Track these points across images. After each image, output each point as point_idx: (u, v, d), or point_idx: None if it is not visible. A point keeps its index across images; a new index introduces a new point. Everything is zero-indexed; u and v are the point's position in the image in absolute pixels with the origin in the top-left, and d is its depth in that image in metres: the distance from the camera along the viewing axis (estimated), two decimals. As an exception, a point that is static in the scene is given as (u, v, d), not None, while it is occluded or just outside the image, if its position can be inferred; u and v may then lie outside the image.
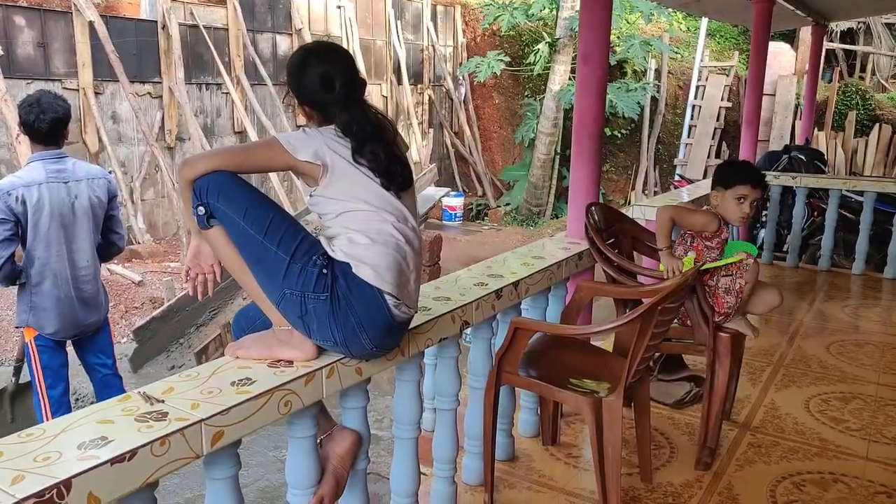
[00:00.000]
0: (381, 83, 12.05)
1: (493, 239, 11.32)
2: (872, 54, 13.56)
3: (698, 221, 2.72)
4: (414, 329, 1.97)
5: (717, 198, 2.70)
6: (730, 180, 2.65)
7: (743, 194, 2.63)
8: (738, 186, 2.62)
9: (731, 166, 2.75)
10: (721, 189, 2.68)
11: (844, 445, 2.93)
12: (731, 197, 2.63)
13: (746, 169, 2.71)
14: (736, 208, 2.64)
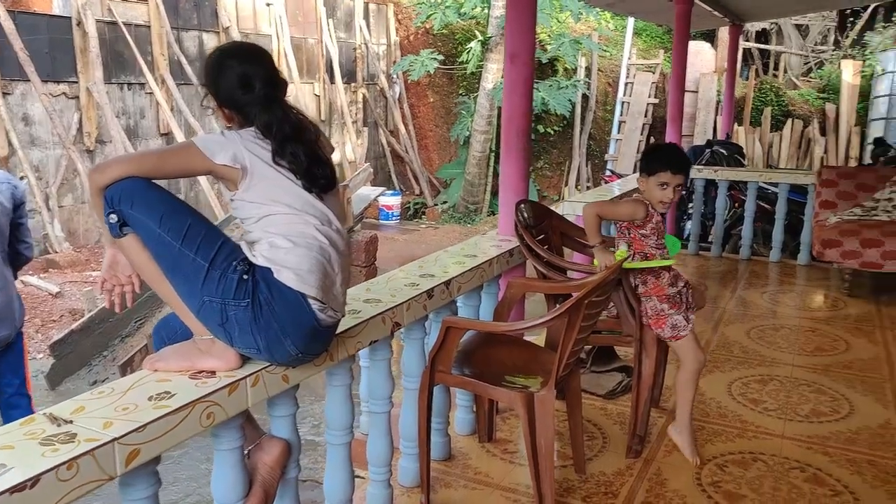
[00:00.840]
0: (314, 82, 11.92)
1: (431, 237, 11.36)
2: (784, 53, 14.16)
3: (624, 212, 2.74)
4: (343, 333, 1.97)
5: (642, 184, 2.73)
6: (652, 167, 2.67)
7: (665, 181, 2.65)
8: (660, 173, 2.64)
9: (655, 153, 2.76)
10: (645, 176, 2.71)
11: (763, 425, 3.08)
12: (654, 183, 2.66)
13: (668, 155, 2.71)
14: (659, 194, 2.66)
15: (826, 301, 5.04)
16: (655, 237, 2.74)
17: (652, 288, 2.72)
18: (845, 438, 2.97)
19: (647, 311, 2.73)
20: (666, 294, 2.71)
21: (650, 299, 2.72)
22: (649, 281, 2.74)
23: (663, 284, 2.73)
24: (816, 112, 12.66)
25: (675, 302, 2.73)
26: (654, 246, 2.75)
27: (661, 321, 2.71)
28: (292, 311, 1.69)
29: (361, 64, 12.89)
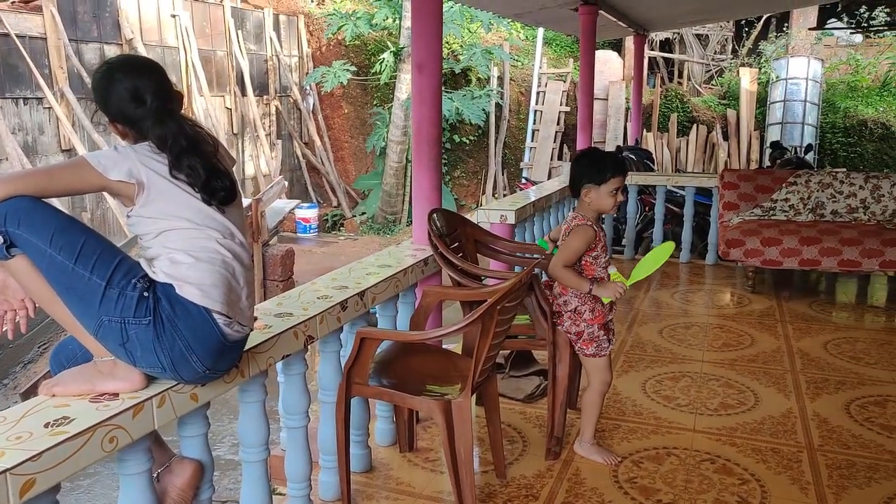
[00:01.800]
0: (225, 95, 11.64)
1: (351, 249, 11.26)
2: (687, 62, 14.81)
3: (581, 245, 2.63)
4: (254, 348, 1.92)
5: (589, 194, 2.64)
6: (602, 175, 2.60)
7: (616, 187, 2.61)
8: (611, 180, 2.60)
9: (599, 161, 2.66)
10: (594, 185, 2.62)
11: (676, 421, 3.18)
12: (606, 191, 2.60)
13: (614, 161, 2.67)
14: (610, 201, 2.61)
15: (732, 298, 5.26)
16: (605, 255, 2.70)
17: (598, 316, 2.71)
18: (751, 429, 3.10)
19: (584, 335, 2.72)
20: (605, 322, 2.73)
21: (591, 326, 2.71)
22: (596, 309, 2.70)
23: (607, 311, 2.73)
24: (719, 118, 13.27)
25: (609, 328, 2.77)
26: (602, 266, 2.70)
27: (590, 342, 2.73)
28: (197, 327, 1.65)
29: (273, 76, 12.69)
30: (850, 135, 12.91)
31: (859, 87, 13.68)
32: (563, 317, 2.76)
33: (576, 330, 2.74)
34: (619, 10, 7.30)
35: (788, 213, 5.46)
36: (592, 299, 2.67)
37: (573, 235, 2.65)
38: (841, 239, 4.91)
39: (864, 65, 14.05)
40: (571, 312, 2.73)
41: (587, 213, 2.67)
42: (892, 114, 12.89)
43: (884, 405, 3.37)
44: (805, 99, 12.56)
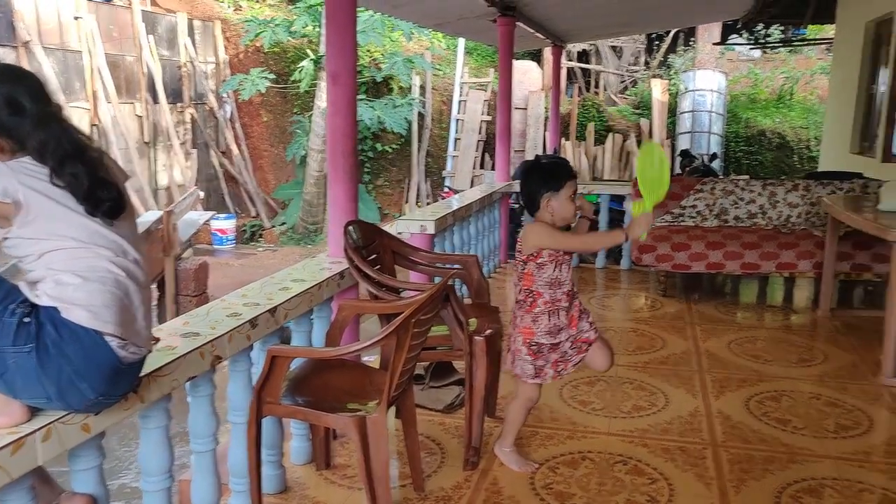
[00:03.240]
0: (135, 102, 11.23)
1: (270, 261, 11.04)
2: (603, 73, 15.26)
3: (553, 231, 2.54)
4: (155, 371, 1.84)
5: (550, 203, 2.52)
6: (559, 181, 2.49)
7: (574, 190, 2.52)
8: (568, 184, 2.50)
9: (553, 168, 2.56)
10: (553, 193, 2.50)
11: (591, 425, 3.25)
12: (566, 197, 2.49)
13: (565, 165, 2.58)
14: (571, 205, 2.51)
15: (646, 302, 5.43)
16: (553, 266, 2.55)
17: (522, 328, 2.61)
18: (661, 429, 3.20)
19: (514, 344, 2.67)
20: (533, 341, 2.60)
21: (517, 336, 2.64)
22: (525, 319, 2.61)
23: (536, 330, 2.58)
24: (633, 127, 13.72)
25: (538, 353, 2.61)
26: (546, 281, 2.56)
27: (517, 362, 2.68)
28: (87, 351, 1.56)
29: (188, 83, 12.33)
30: (751, 144, 13.60)
31: (758, 100, 14.45)
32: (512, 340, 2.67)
33: (510, 347, 2.66)
34: (536, 21, 7.45)
35: (696, 219, 5.69)
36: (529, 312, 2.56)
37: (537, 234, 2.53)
38: (742, 243, 5.15)
39: (762, 78, 14.86)
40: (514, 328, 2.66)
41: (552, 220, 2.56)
42: (787, 125, 13.67)
43: (779, 400, 3.55)
44: (711, 109, 13.16)
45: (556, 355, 2.68)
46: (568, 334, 2.67)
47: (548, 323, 2.59)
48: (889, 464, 2.92)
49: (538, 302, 2.59)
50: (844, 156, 7.69)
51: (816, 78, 14.32)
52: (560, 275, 2.57)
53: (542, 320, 2.59)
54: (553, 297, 2.57)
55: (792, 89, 14.41)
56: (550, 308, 2.59)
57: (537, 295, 2.57)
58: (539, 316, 2.59)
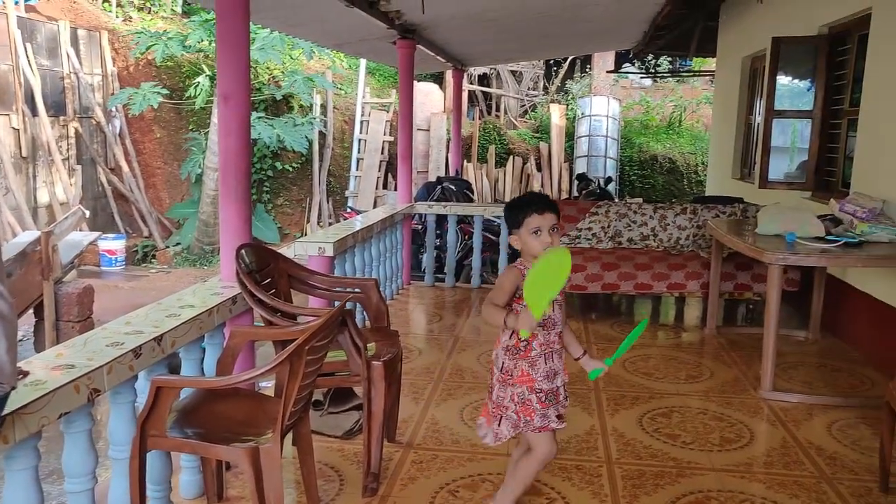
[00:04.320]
0: (10, 114, 10.52)
1: (163, 283, 10.57)
2: (504, 96, 15.62)
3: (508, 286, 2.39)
4: (21, 409, 1.70)
5: (516, 241, 2.44)
6: (517, 217, 2.41)
7: (535, 226, 2.37)
8: (527, 220, 2.38)
9: (515, 205, 2.47)
10: (515, 231, 2.43)
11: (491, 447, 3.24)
12: (527, 233, 2.38)
13: (527, 199, 2.46)
14: (537, 242, 2.37)
15: (544, 322, 5.53)
16: None
17: (519, 378, 2.43)
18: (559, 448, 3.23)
19: (514, 397, 2.44)
20: (537, 387, 2.44)
21: (517, 387, 2.44)
22: (520, 366, 2.43)
23: (536, 376, 2.44)
24: (533, 150, 14.08)
25: (547, 401, 2.45)
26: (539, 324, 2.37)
27: (529, 410, 2.44)
28: None
29: (72, 95, 11.67)
30: (644, 168, 14.24)
31: (650, 126, 15.18)
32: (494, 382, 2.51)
33: (510, 393, 2.45)
34: (436, 45, 7.55)
35: (592, 241, 5.87)
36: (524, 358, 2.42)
37: (501, 275, 2.48)
38: (635, 264, 5.35)
39: (653, 106, 15.63)
40: (500, 373, 2.48)
41: (527, 261, 2.41)
42: (677, 150, 14.42)
43: (669, 416, 3.68)
44: (606, 134, 13.71)
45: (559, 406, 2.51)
46: (562, 380, 2.52)
47: (545, 367, 2.44)
48: (768, 474, 3.07)
49: (533, 344, 2.42)
50: (727, 181, 8.17)
51: (702, 107, 15.19)
52: (553, 314, 2.44)
53: (540, 364, 2.43)
54: (547, 338, 2.44)
55: (680, 117, 15.22)
56: (546, 350, 2.44)
57: (532, 338, 2.40)
58: (536, 360, 2.43)
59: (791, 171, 6.39)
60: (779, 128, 6.17)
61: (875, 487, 2.94)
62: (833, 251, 3.91)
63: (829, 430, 3.55)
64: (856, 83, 5.22)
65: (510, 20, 6.62)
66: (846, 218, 4.29)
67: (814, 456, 3.25)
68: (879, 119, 4.62)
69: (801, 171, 6.08)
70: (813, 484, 2.99)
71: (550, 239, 2.37)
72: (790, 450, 3.31)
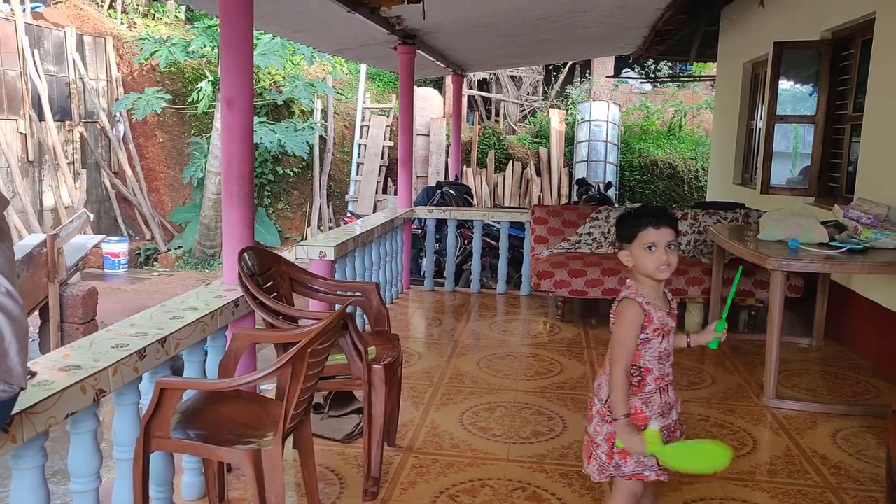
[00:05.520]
0: (18, 118, 10.60)
1: (166, 285, 10.61)
2: (503, 101, 15.66)
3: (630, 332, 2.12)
4: (29, 409, 1.73)
5: (627, 258, 2.19)
6: (631, 230, 2.17)
7: (650, 241, 2.13)
8: (640, 234, 2.14)
9: (628, 216, 2.23)
10: (627, 247, 2.19)
11: (490, 451, 3.27)
12: (640, 248, 2.14)
13: (642, 212, 2.21)
14: (651, 260, 2.12)
15: (545, 327, 5.55)
16: (660, 339, 2.15)
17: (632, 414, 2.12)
18: (559, 454, 3.26)
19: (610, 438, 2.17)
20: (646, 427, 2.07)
21: None
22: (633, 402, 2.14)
23: (650, 413, 2.15)
24: (532, 155, 14.12)
25: None
26: (653, 356, 2.15)
27: (626, 453, 2.15)
28: None
29: (77, 100, 11.75)
30: (644, 173, 14.27)
31: (650, 131, 15.21)
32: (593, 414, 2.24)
33: (607, 432, 2.17)
34: (436, 50, 7.58)
35: (592, 246, 5.89)
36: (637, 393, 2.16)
37: (616, 319, 2.18)
38: (636, 270, 5.36)
39: (653, 111, 15.67)
40: (601, 405, 2.20)
41: (639, 281, 2.19)
42: (677, 155, 14.44)
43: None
44: (606, 139, 13.73)
45: None
46: (677, 413, 2.25)
47: (660, 402, 2.17)
48: (771, 483, 3.06)
49: (647, 379, 2.16)
50: (729, 186, 8.19)
51: (703, 112, 15.22)
52: (668, 346, 2.19)
53: (655, 400, 2.16)
54: (662, 371, 2.18)
55: (681, 122, 15.25)
56: (661, 384, 2.18)
57: (646, 371, 2.15)
58: (650, 396, 2.16)
59: (793, 176, 6.40)
60: (781, 133, 6.19)
61: (882, 498, 2.91)
62: (837, 257, 3.88)
63: (833, 438, 3.52)
64: (859, 88, 5.23)
65: (510, 25, 6.66)
66: (850, 224, 4.28)
67: (818, 465, 3.23)
68: (884, 124, 4.62)
69: (804, 176, 6.10)
70: (818, 494, 2.96)
71: (666, 257, 2.12)
72: (794, 458, 3.30)
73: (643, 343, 2.13)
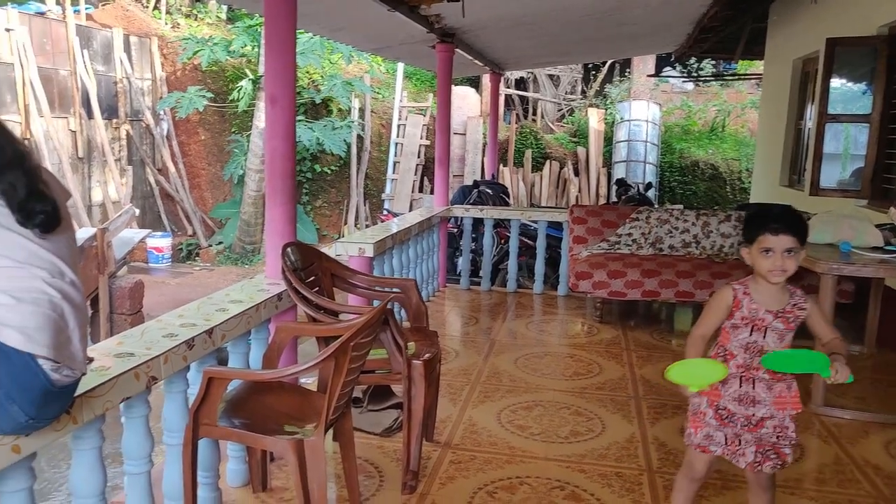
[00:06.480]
0: (69, 117, 10.89)
1: (207, 280, 10.81)
2: (541, 100, 15.61)
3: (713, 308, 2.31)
4: (88, 392, 1.79)
5: (747, 256, 2.26)
6: (751, 233, 2.23)
7: (766, 246, 2.17)
8: (759, 238, 2.19)
9: (750, 218, 2.28)
10: (746, 246, 2.25)
11: (529, 450, 3.28)
12: (757, 251, 2.20)
13: (764, 215, 2.23)
14: (765, 263, 2.18)
15: (582, 328, 5.52)
16: (749, 330, 2.25)
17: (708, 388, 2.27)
18: (598, 455, 3.25)
19: (692, 406, 2.36)
20: (721, 405, 2.29)
21: (700, 397, 2.33)
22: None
23: (724, 393, 2.28)
24: (570, 154, 14.04)
25: (727, 420, 2.29)
26: (740, 344, 2.26)
27: (698, 422, 2.33)
28: (18, 374, 1.51)
29: (124, 99, 12.04)
30: (685, 174, 14.08)
31: (692, 131, 14.99)
32: None
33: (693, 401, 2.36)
34: (475, 48, 7.59)
35: (632, 247, 5.84)
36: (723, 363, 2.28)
37: (711, 298, 2.35)
38: (677, 272, 5.31)
39: (695, 110, 15.45)
40: None
41: (755, 279, 2.27)
42: (719, 156, 14.21)
43: (714, 426, 3.64)
44: (646, 140, 13.59)
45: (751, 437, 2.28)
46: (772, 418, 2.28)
47: (738, 389, 2.27)
48: (819, 492, 3.00)
49: (730, 363, 2.27)
50: (775, 188, 8.02)
51: (747, 111, 14.94)
52: (760, 341, 2.25)
53: (732, 384, 2.27)
54: (748, 363, 2.26)
55: (724, 122, 15.00)
56: (744, 373, 2.27)
57: (730, 356, 2.28)
58: (730, 378, 2.27)
59: (845, 178, 6.21)
60: (831, 133, 5.98)
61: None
62: (893, 262, 3.76)
63: (886, 448, 3.43)
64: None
65: (552, 24, 6.64)
66: (907, 228, 4.15)
67: (871, 475, 3.14)
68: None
69: (856, 178, 5.91)
70: (870, 504, 2.90)
71: (781, 262, 2.15)
72: (844, 467, 3.22)
73: (732, 328, 2.27)
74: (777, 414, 2.29)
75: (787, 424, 2.31)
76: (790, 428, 2.31)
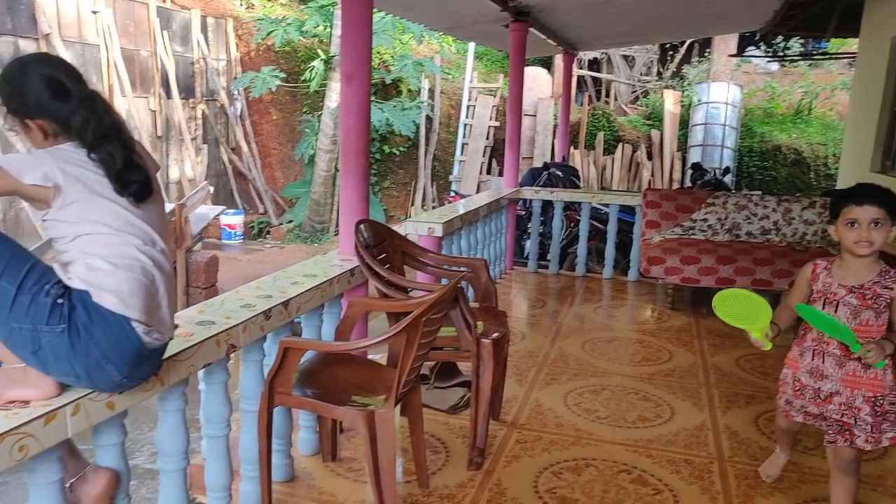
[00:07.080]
0: (149, 96, 11.29)
1: (277, 257, 11.07)
2: (614, 82, 15.28)
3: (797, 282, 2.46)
4: (174, 356, 1.88)
5: (834, 233, 2.32)
6: (837, 207, 2.29)
7: (851, 217, 2.23)
8: (844, 210, 2.25)
9: (837, 192, 2.39)
10: (833, 221, 2.32)
11: (595, 433, 3.26)
12: (842, 224, 2.26)
13: (851, 188, 2.31)
14: (850, 235, 2.23)
15: (652, 314, 5.42)
16: (821, 303, 2.33)
17: (789, 359, 2.52)
18: (666, 441, 3.20)
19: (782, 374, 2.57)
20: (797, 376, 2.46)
21: (786, 366, 2.54)
22: (793, 351, 2.51)
23: (801, 365, 2.44)
24: (643, 138, 13.73)
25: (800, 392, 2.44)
26: None
27: (782, 388, 2.56)
28: (114, 335, 1.60)
29: (200, 79, 12.38)
30: (765, 159, 13.56)
31: (775, 114, 14.39)
32: None
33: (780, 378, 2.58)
34: (549, 28, 7.48)
35: (707, 233, 5.68)
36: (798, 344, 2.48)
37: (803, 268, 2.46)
38: (754, 259, 5.14)
39: (779, 92, 14.80)
40: None
41: (842, 256, 2.34)
42: (804, 140, 13.61)
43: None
44: (724, 123, 13.14)
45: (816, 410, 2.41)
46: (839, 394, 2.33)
47: (810, 362, 2.40)
48: (897, 484, 2.88)
49: (807, 337, 2.43)
50: (865, 174, 7.61)
51: (837, 93, 14.21)
52: (833, 315, 2.30)
53: (806, 357, 2.41)
54: (822, 337, 2.35)
55: (811, 104, 14.31)
56: (817, 348, 2.38)
57: (808, 328, 2.40)
58: (805, 351, 2.42)
59: (947, 163, 5.86)
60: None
61: None
62: None
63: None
64: None
65: (629, 2, 6.47)
66: None
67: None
68: None
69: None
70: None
71: (867, 234, 2.19)
72: (928, 465, 3.08)
73: (811, 303, 2.35)
74: (844, 391, 2.31)
75: (860, 406, 2.27)
76: (863, 411, 2.27)
